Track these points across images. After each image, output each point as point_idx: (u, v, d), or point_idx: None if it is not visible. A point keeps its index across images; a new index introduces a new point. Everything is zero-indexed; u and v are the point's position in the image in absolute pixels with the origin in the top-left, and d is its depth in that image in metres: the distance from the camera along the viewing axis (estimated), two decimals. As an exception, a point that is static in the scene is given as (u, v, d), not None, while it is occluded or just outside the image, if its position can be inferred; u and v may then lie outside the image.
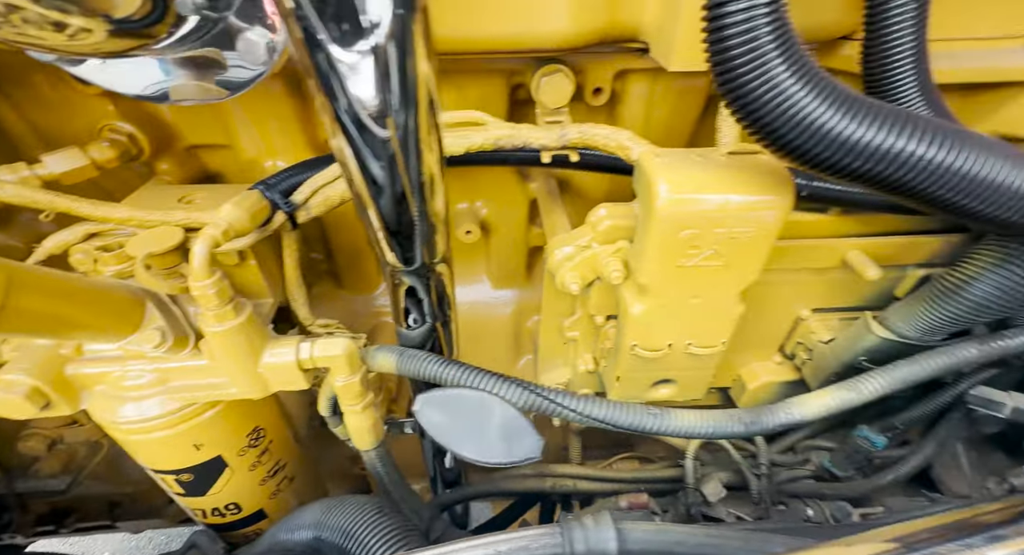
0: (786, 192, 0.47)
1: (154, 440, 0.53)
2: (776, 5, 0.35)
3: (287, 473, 0.69)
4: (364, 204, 0.39)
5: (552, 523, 0.39)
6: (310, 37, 0.27)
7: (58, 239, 0.55)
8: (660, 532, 0.37)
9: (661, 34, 0.52)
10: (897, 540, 0.36)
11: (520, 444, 0.46)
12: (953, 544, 0.35)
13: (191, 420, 0.54)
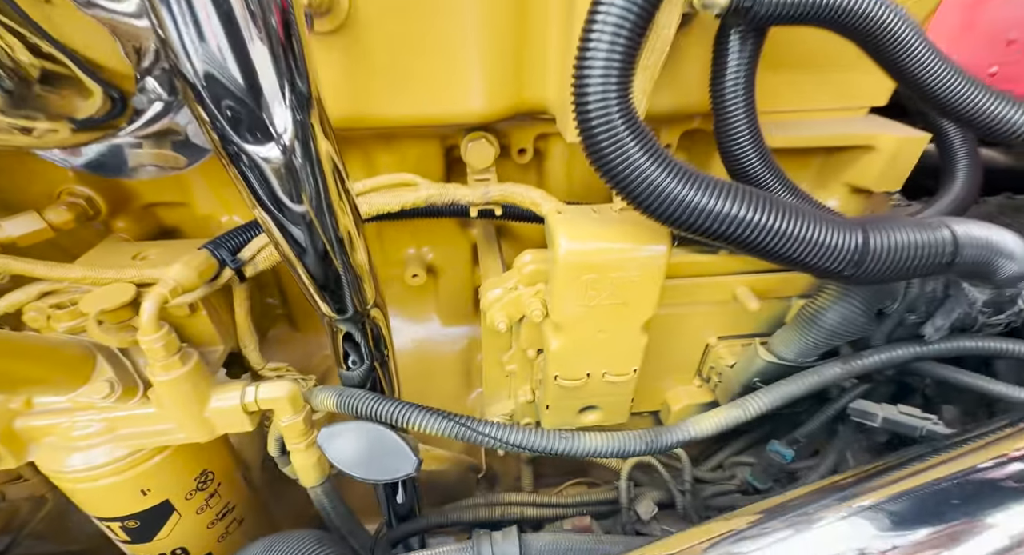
0: (664, 240, 0.56)
1: (101, 488, 0.56)
2: (626, 101, 0.44)
3: (236, 515, 0.71)
4: (292, 264, 0.45)
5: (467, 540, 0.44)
6: (226, 141, 0.34)
7: (12, 299, 0.59)
8: (555, 541, 0.42)
9: (561, 110, 0.62)
10: (763, 512, 0.43)
11: (401, 464, 0.52)
12: (810, 507, 0.42)
13: (138, 466, 0.57)
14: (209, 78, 0.30)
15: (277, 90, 0.33)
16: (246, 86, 0.31)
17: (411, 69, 0.58)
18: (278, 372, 0.74)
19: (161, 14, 0.28)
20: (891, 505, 0.40)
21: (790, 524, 0.38)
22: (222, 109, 0.32)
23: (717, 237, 0.45)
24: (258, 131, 0.33)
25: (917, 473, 0.43)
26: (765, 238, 0.44)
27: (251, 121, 0.33)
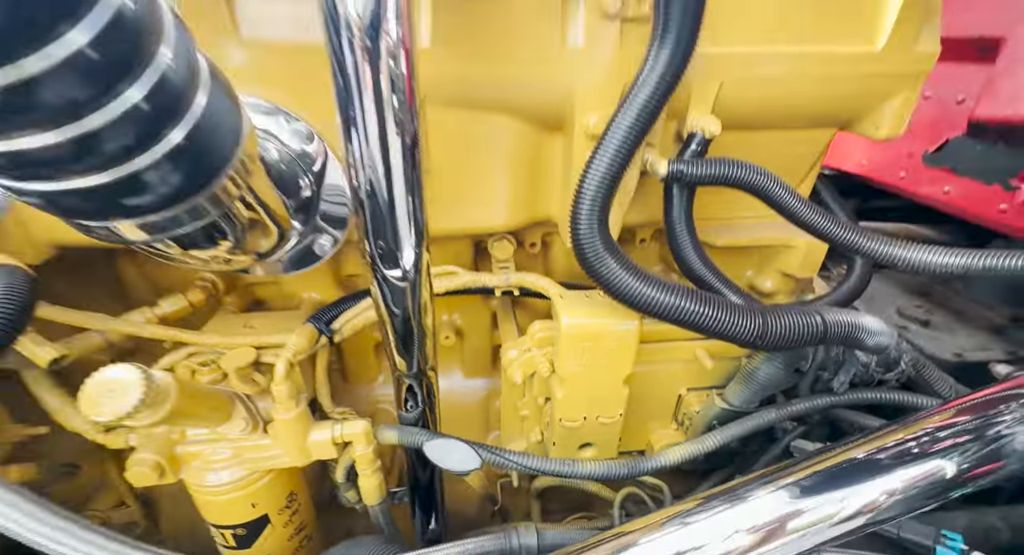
0: (635, 318, 0.79)
1: (225, 500, 0.76)
2: (605, 228, 0.69)
3: (307, 532, 0.90)
4: (385, 325, 0.68)
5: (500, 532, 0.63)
6: (376, 269, 0.58)
7: (169, 359, 0.81)
8: (563, 532, 0.61)
9: (561, 224, 0.88)
10: (708, 496, 0.61)
11: (471, 461, 0.72)
12: (742, 489, 0.60)
13: (252, 485, 0.77)
14: (376, 228, 0.55)
15: (409, 233, 0.57)
16: (392, 233, 0.56)
17: (462, 198, 0.84)
18: (344, 415, 0.94)
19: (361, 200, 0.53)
20: (803, 481, 0.59)
21: (727, 501, 0.57)
22: (376, 248, 0.56)
23: (665, 319, 0.68)
24: (392, 261, 0.58)
25: (822, 461, 0.62)
26: (697, 320, 0.67)
27: (391, 258, 0.57)
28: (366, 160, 0.51)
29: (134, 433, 0.74)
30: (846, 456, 0.61)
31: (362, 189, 0.53)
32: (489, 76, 0.69)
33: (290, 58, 0.66)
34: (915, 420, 0.63)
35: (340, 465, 0.87)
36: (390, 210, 0.54)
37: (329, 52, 0.45)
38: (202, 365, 0.81)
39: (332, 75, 0.46)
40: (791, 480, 0.60)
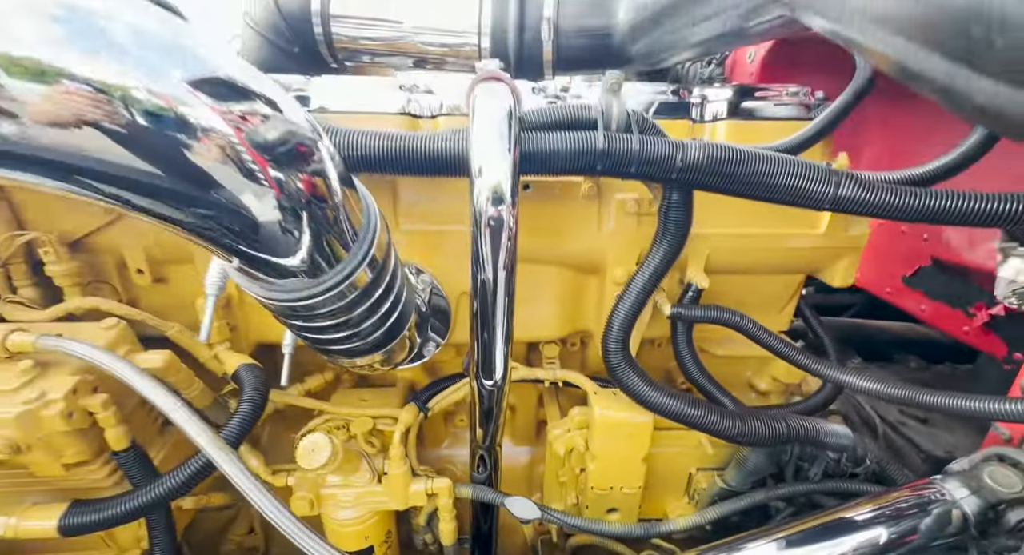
0: (649, 414, 1.06)
1: (348, 532, 1.05)
2: (627, 348, 0.99)
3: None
4: (474, 412, 0.98)
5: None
6: (477, 378, 0.90)
7: (312, 424, 1.15)
8: None
9: (596, 335, 1.19)
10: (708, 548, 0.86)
11: (529, 513, 0.98)
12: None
13: (366, 522, 1.07)
14: (484, 353, 0.88)
15: (501, 354, 0.89)
16: (490, 354, 0.88)
17: (526, 318, 1.16)
18: (426, 471, 1.24)
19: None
20: (791, 537, 0.83)
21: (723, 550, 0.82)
22: (479, 366, 0.89)
23: (668, 418, 0.96)
24: (487, 371, 0.90)
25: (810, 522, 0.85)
26: (691, 420, 0.95)
27: (488, 370, 0.89)
28: (483, 301, 0.82)
29: (292, 475, 1.07)
30: (812, 524, 0.85)
31: (478, 318, 0.84)
32: (551, 246, 1.04)
33: (425, 237, 1.03)
34: (859, 502, 0.86)
35: (423, 512, 1.15)
36: (491, 334, 0.86)
37: (472, 232, 0.76)
38: (336, 428, 1.14)
39: (472, 242, 0.77)
40: (770, 538, 0.84)
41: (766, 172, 0.78)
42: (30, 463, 0.75)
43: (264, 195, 0.48)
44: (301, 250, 0.53)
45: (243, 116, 0.45)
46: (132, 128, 0.39)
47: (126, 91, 0.39)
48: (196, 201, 0.45)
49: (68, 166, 0.41)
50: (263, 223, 0.49)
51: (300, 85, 1.02)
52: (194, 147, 0.42)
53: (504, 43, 1.52)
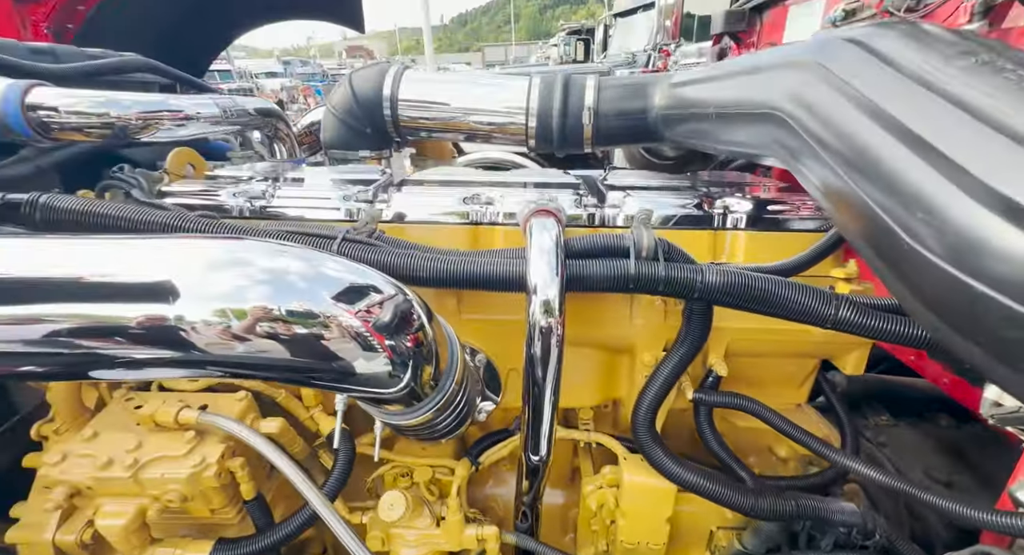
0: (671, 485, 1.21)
1: (412, 567, 1.25)
2: (653, 425, 1.14)
3: (447, 595, 1.36)
4: (521, 473, 1.16)
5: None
6: (526, 453, 1.09)
7: (382, 470, 1.36)
8: None
9: (625, 401, 1.34)
10: None
11: None
12: None
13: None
14: (534, 434, 1.06)
15: (547, 433, 1.07)
16: (539, 436, 1.06)
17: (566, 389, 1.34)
18: (476, 515, 1.43)
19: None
20: None
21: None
22: (529, 446, 1.07)
23: (688, 490, 1.11)
24: (535, 449, 1.08)
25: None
26: (708, 493, 1.09)
27: (535, 446, 1.07)
28: (536, 397, 1.00)
29: (366, 514, 1.28)
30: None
31: (529, 407, 1.03)
32: (590, 333, 1.21)
33: (483, 324, 1.23)
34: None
35: (474, 552, 1.34)
36: (539, 421, 1.04)
37: (527, 337, 0.94)
38: (400, 475, 1.35)
39: (527, 347, 0.96)
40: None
41: (775, 294, 0.92)
42: (189, 508, 0.99)
43: (378, 357, 0.68)
44: (403, 388, 0.73)
45: (368, 309, 0.66)
46: (298, 336, 0.61)
47: (299, 313, 0.60)
48: (329, 373, 0.66)
49: (251, 366, 0.63)
50: (375, 374, 0.70)
51: (384, 198, 1.24)
52: (335, 341, 0.63)
53: (548, 125, 1.71)
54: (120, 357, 0.58)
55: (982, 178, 0.49)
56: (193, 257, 0.60)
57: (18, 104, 0.96)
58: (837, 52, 0.76)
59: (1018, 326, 0.46)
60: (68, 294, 0.58)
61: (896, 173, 0.58)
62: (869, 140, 0.64)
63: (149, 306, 0.56)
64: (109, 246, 0.62)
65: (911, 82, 0.62)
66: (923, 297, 0.58)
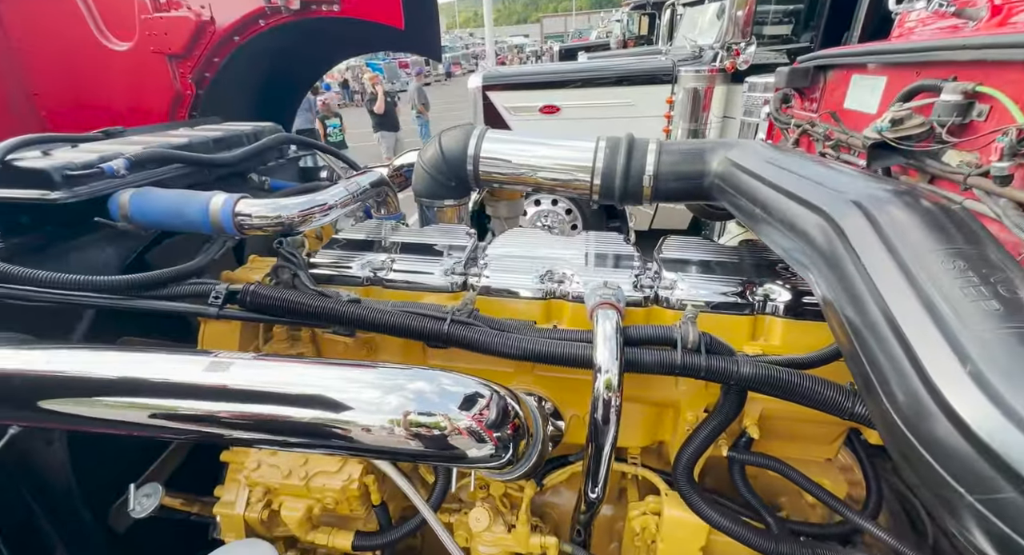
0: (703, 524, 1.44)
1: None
2: (692, 473, 1.38)
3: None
4: (582, 499, 1.46)
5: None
6: (585, 495, 1.37)
7: (464, 481, 1.71)
8: None
9: (670, 445, 1.58)
10: None
11: None
12: None
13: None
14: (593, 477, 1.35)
15: (603, 484, 1.35)
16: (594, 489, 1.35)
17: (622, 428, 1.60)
18: (538, 523, 1.75)
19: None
20: None
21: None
22: (588, 493, 1.36)
23: (720, 531, 1.35)
24: (593, 485, 1.37)
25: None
26: (737, 537, 1.32)
27: (594, 484, 1.36)
28: (596, 450, 1.28)
29: (454, 516, 1.63)
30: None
31: (590, 455, 1.31)
32: (641, 394, 1.46)
33: (549, 380, 1.51)
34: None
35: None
36: (598, 467, 1.32)
37: (591, 407, 1.23)
38: (480, 488, 1.69)
39: (591, 414, 1.23)
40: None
41: (801, 386, 1.13)
42: (337, 508, 1.38)
43: (487, 446, 0.98)
44: (503, 462, 1.03)
45: (480, 412, 0.95)
46: (433, 435, 0.91)
47: (435, 420, 0.90)
48: (450, 458, 0.97)
49: (390, 452, 0.94)
50: (483, 456, 0.99)
51: (475, 272, 1.54)
52: (456, 438, 0.93)
53: (611, 184, 1.93)
54: (320, 444, 0.93)
55: (928, 370, 0.69)
56: (364, 380, 0.92)
57: (230, 214, 1.34)
58: (846, 214, 0.94)
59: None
60: (285, 400, 0.92)
61: (875, 339, 0.79)
62: (864, 306, 0.83)
63: (338, 415, 0.90)
64: (311, 369, 0.96)
65: (894, 266, 0.80)
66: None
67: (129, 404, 0.88)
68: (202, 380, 0.89)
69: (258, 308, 1.27)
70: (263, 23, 2.80)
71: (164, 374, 0.89)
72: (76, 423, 0.90)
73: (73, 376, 0.91)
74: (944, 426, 0.65)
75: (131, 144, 1.58)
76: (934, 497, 0.72)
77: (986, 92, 1.17)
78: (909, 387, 0.71)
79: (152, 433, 0.90)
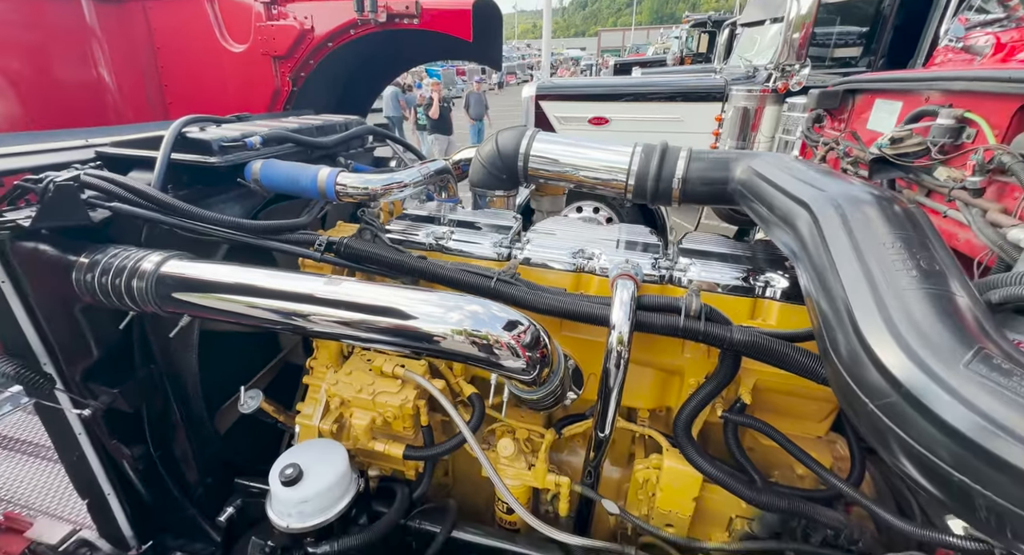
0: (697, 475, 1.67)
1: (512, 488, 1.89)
2: (690, 430, 1.62)
3: (528, 518, 1.98)
4: (592, 442, 1.72)
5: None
6: (595, 431, 1.64)
7: (494, 426, 2.00)
8: None
9: (673, 408, 1.82)
10: None
11: (614, 509, 1.69)
12: None
13: (519, 487, 1.89)
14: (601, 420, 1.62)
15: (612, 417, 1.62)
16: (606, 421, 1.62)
17: (629, 396, 1.85)
18: (553, 469, 2.02)
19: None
20: None
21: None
22: (597, 435, 1.63)
23: (711, 480, 1.57)
24: (602, 429, 1.63)
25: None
26: (724, 485, 1.55)
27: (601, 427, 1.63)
28: (604, 396, 1.54)
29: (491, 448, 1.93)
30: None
31: (601, 399, 1.57)
32: (651, 360, 1.71)
33: (575, 341, 1.79)
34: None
35: (550, 493, 1.93)
36: (606, 409, 1.58)
37: (605, 358, 1.51)
38: (507, 431, 1.98)
39: (604, 362, 1.51)
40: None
41: (782, 353, 1.36)
42: (393, 426, 1.71)
43: (520, 361, 1.27)
44: (530, 378, 1.32)
45: (519, 335, 1.24)
46: (481, 345, 1.21)
47: (484, 333, 1.21)
48: (491, 364, 1.26)
49: (450, 354, 1.25)
50: (517, 368, 1.29)
51: (519, 246, 1.85)
52: (497, 350, 1.22)
53: (644, 185, 2.18)
54: (400, 343, 1.25)
55: (860, 327, 0.93)
56: (436, 301, 1.24)
57: (333, 184, 1.72)
58: (824, 210, 1.17)
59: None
60: (379, 311, 1.25)
61: (831, 305, 1.02)
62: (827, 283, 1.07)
63: (416, 323, 1.22)
64: (399, 290, 1.28)
65: (851, 249, 1.04)
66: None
67: (274, 306, 1.24)
68: (322, 292, 1.25)
69: (348, 257, 1.63)
70: (353, 32, 3.27)
71: (301, 286, 1.25)
72: (235, 317, 1.28)
73: (234, 283, 1.28)
74: (869, 367, 0.89)
75: (257, 126, 2.00)
76: (866, 428, 0.94)
77: (972, 118, 1.36)
78: (850, 343, 0.94)
79: (287, 328, 1.26)
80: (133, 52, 3.50)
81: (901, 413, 0.80)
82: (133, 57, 3.51)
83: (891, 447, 0.83)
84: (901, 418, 0.80)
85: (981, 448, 0.70)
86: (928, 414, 0.76)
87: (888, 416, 0.83)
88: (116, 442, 1.72)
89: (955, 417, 0.73)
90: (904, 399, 0.80)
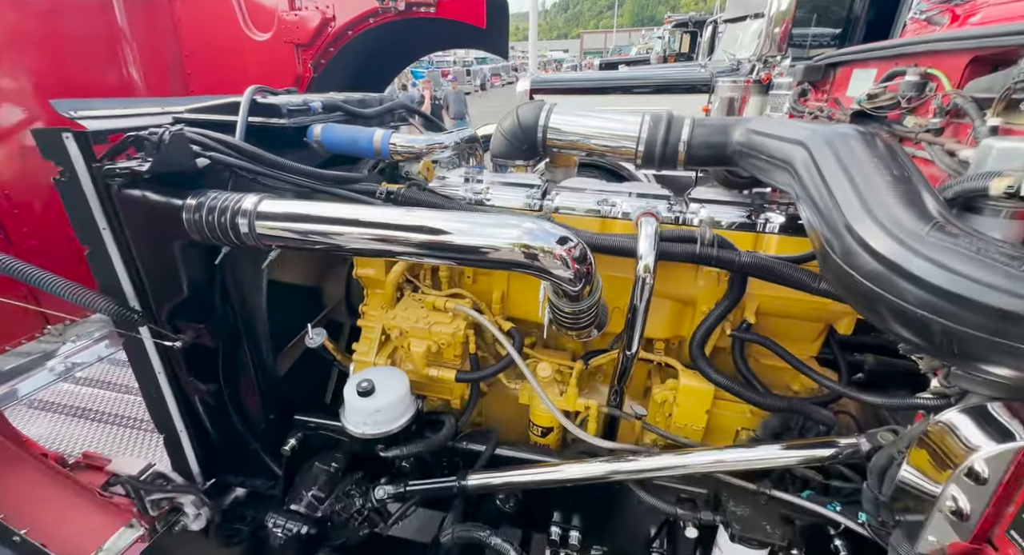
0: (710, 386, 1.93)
1: (543, 413, 2.13)
2: (702, 349, 1.88)
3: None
4: (619, 365, 1.98)
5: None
6: (623, 352, 1.90)
7: (529, 361, 2.25)
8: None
9: (685, 337, 2.09)
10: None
11: (640, 411, 1.95)
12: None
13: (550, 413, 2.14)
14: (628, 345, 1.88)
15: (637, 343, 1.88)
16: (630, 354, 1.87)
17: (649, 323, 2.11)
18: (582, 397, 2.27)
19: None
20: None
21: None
22: (624, 364, 1.89)
23: (721, 388, 1.84)
24: (628, 347, 1.89)
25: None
26: (733, 391, 1.82)
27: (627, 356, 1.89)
28: (632, 320, 1.80)
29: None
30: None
31: (630, 324, 1.83)
32: (668, 290, 1.97)
33: (604, 279, 2.05)
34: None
35: (580, 416, 2.18)
36: (633, 330, 1.83)
37: (634, 284, 1.77)
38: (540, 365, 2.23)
39: (633, 289, 1.77)
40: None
41: (781, 271, 1.63)
42: (445, 354, 1.95)
43: (568, 270, 1.51)
44: (574, 289, 1.57)
45: (570, 249, 1.49)
46: (536, 254, 1.46)
47: (539, 245, 1.46)
48: (543, 272, 1.51)
49: (508, 263, 1.50)
50: (564, 277, 1.54)
51: (550, 197, 2.10)
52: (549, 259, 1.47)
53: (652, 150, 2.44)
54: (470, 258, 1.49)
55: (852, 225, 1.19)
56: (498, 221, 1.48)
57: (387, 143, 1.95)
58: (819, 145, 1.45)
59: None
60: (452, 232, 1.49)
61: (826, 212, 1.29)
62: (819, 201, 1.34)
63: (482, 239, 1.46)
64: (467, 215, 1.52)
65: (842, 172, 1.31)
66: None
67: (360, 232, 1.47)
68: (401, 219, 1.48)
69: (405, 203, 1.87)
70: (372, 20, 3.49)
71: (381, 216, 1.49)
72: (326, 244, 1.50)
73: (324, 215, 1.51)
74: (860, 253, 1.15)
75: (308, 97, 2.22)
76: (860, 303, 1.20)
77: (932, 73, 1.65)
78: (844, 241, 1.20)
79: (371, 252, 1.49)
80: (159, 47, 3.65)
81: (883, 276, 1.07)
82: (159, 53, 3.66)
83: (879, 310, 1.10)
84: (883, 280, 1.07)
85: (936, 287, 0.97)
86: (899, 270, 1.03)
87: (874, 283, 1.09)
88: (193, 379, 1.93)
89: (919, 269, 1.00)
90: (884, 265, 1.07)
